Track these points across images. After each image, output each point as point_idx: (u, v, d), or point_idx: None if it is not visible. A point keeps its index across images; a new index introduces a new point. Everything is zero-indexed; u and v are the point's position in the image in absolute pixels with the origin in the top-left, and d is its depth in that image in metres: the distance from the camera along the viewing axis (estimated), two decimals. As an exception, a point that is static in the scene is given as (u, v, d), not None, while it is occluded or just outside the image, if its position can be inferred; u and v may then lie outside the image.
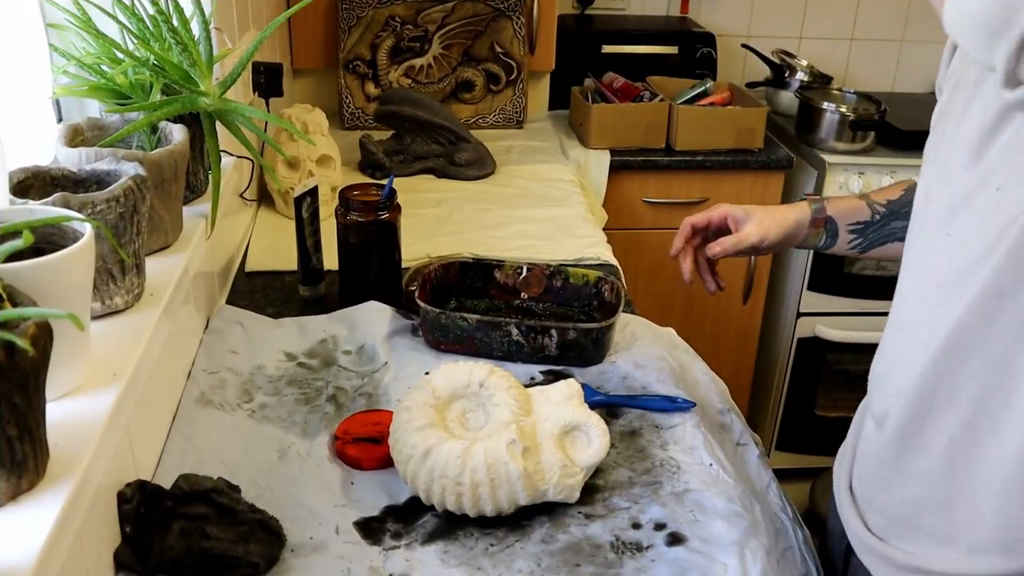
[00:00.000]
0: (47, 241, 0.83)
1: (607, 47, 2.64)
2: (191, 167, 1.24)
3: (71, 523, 0.73)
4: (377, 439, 1.12)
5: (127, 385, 0.87)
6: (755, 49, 2.75)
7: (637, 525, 1.02)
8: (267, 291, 1.56)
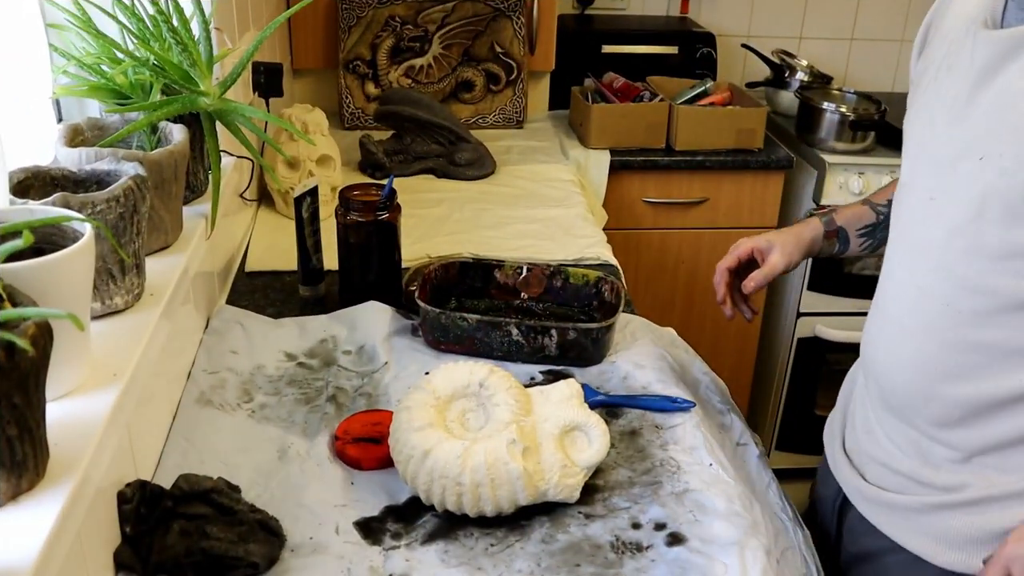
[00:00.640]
0: (47, 241, 0.83)
1: (607, 47, 2.64)
2: (191, 167, 1.24)
3: (71, 523, 0.73)
4: (377, 439, 1.12)
5: (127, 385, 0.87)
6: (755, 49, 2.75)
7: (637, 525, 1.02)
8: (267, 291, 1.56)
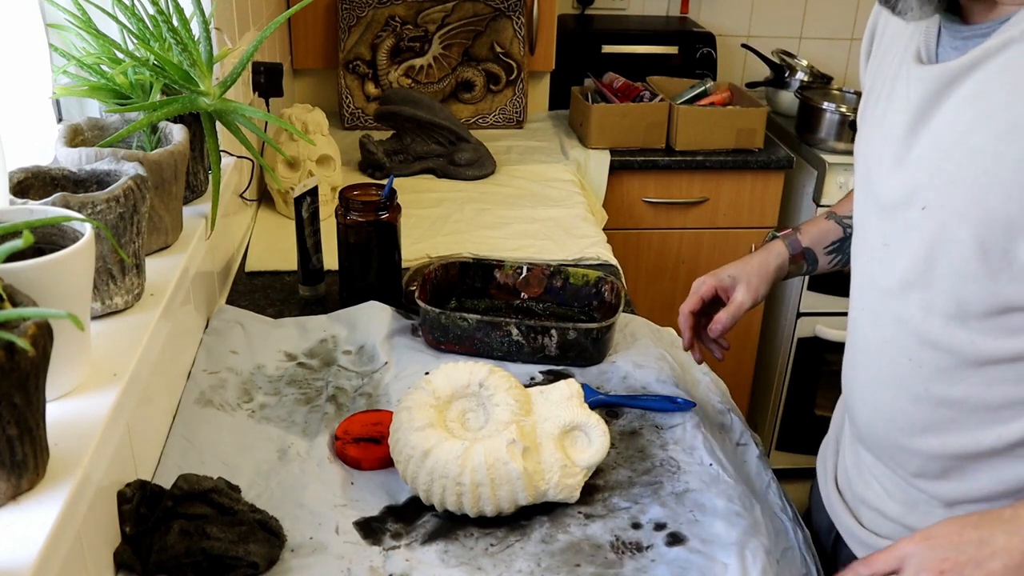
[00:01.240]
0: (47, 241, 0.83)
1: (607, 47, 2.64)
2: (191, 167, 1.24)
3: (71, 523, 0.73)
4: (377, 439, 1.12)
5: (127, 385, 0.87)
6: (755, 49, 2.75)
7: (637, 525, 1.02)
8: (267, 291, 1.56)
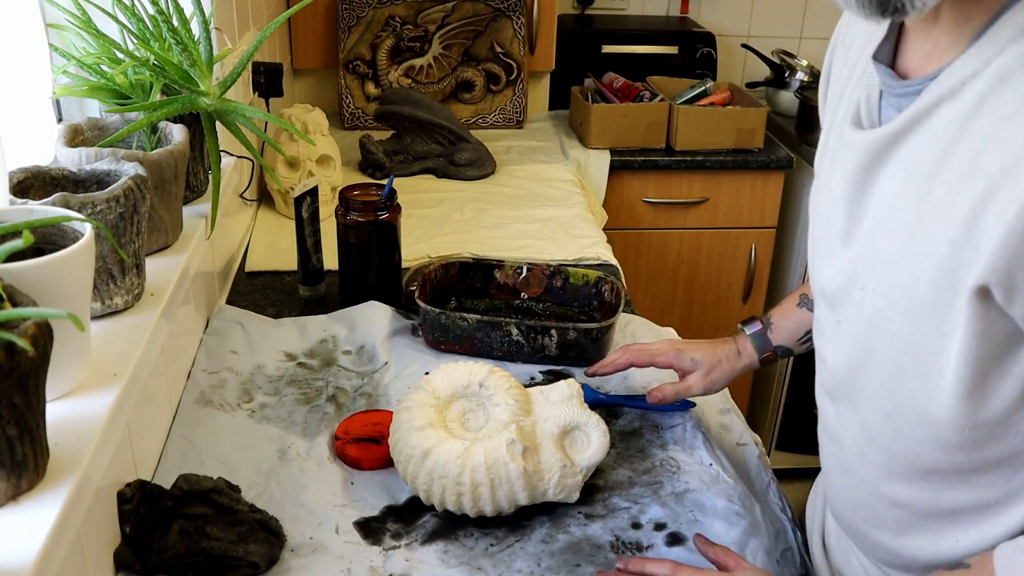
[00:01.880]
0: (47, 241, 0.83)
1: (607, 47, 2.64)
2: (191, 167, 1.24)
3: (71, 523, 0.73)
4: (377, 439, 1.12)
5: (127, 385, 0.87)
6: (755, 49, 2.75)
7: (637, 525, 1.02)
8: (267, 291, 1.56)
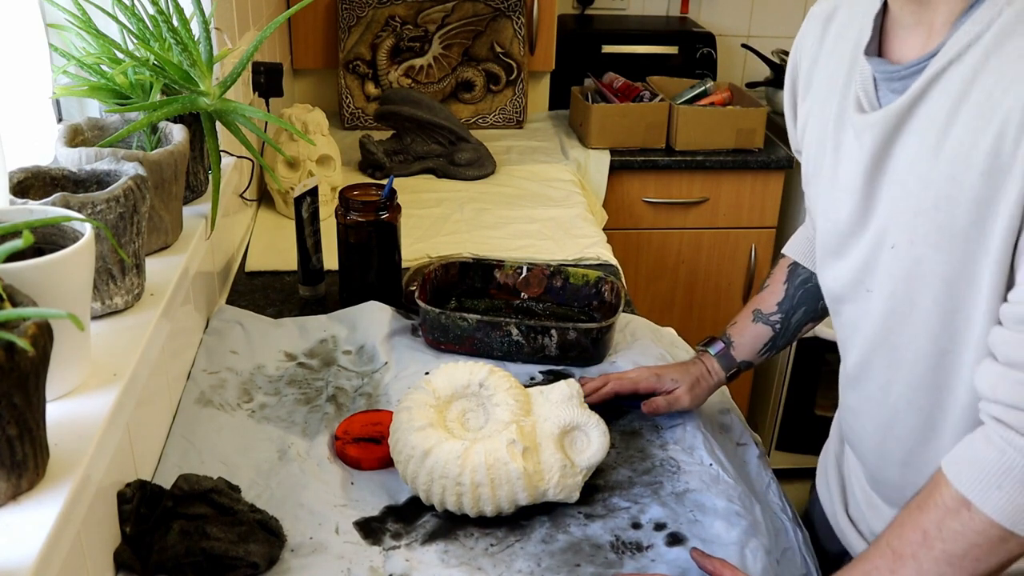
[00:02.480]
0: (47, 241, 0.83)
1: (607, 47, 2.64)
2: (191, 167, 1.24)
3: (71, 523, 0.73)
4: (377, 439, 1.12)
5: (127, 385, 0.87)
6: (755, 49, 2.75)
7: (637, 525, 1.02)
8: (267, 291, 1.56)
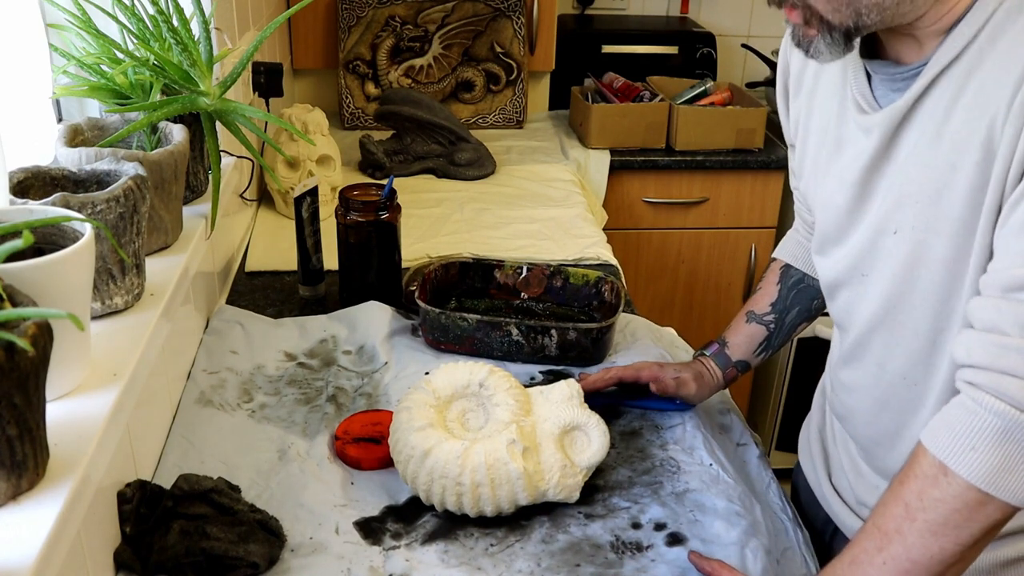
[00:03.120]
0: (47, 241, 0.83)
1: (607, 47, 2.64)
2: (191, 167, 1.24)
3: (71, 523, 0.73)
4: (377, 439, 1.12)
5: (127, 385, 0.87)
6: (755, 49, 2.75)
7: (637, 525, 1.02)
8: (267, 291, 1.56)
